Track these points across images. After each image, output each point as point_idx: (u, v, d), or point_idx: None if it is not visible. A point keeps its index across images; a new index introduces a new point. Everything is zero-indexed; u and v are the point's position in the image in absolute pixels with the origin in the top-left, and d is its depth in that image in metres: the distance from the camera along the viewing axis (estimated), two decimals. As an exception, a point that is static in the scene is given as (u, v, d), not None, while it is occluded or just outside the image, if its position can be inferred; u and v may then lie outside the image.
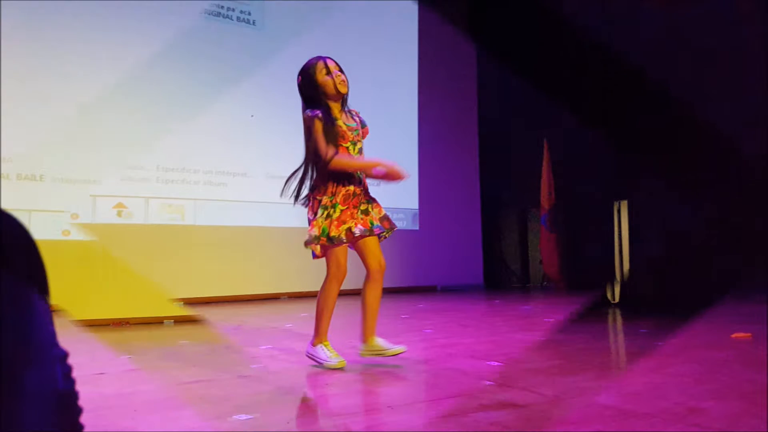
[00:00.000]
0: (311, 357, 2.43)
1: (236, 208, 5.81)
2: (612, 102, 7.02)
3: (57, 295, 0.80)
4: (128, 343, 3.83)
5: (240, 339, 3.48)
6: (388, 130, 5.93)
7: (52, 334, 0.78)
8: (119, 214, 5.21)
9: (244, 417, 1.77)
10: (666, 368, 2.13)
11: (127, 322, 5.15)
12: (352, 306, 2.70)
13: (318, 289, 2.40)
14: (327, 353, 2.37)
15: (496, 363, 2.24)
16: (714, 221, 5.86)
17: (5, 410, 0.66)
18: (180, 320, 5.35)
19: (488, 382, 2.26)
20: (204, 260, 5.55)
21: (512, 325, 3.49)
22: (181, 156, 5.58)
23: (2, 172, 4.73)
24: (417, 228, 7.02)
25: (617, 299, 6.92)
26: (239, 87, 5.95)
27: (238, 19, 6.09)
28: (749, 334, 2.82)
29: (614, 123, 6.97)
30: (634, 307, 6.49)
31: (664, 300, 6.25)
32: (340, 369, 2.30)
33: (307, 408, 1.95)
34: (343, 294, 2.53)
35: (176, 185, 5.54)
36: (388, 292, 6.39)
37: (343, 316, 2.73)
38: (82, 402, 0.83)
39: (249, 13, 6.17)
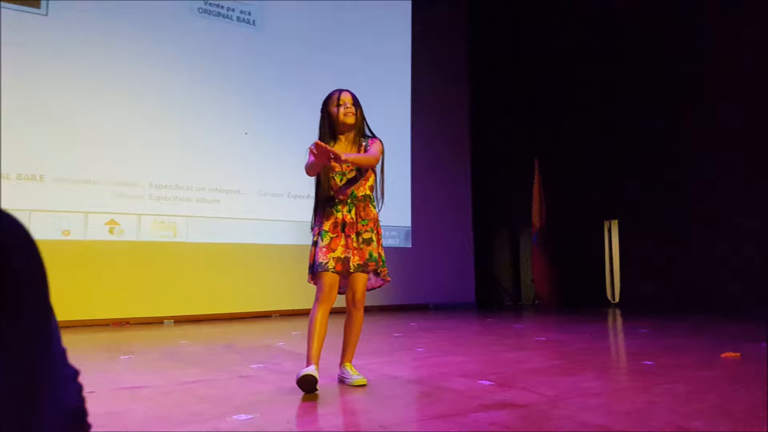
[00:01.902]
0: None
1: (229, 226, 5.80)
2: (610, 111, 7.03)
3: (57, 295, 0.80)
4: (128, 343, 3.83)
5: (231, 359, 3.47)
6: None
7: (63, 353, 0.78)
8: (111, 231, 5.20)
9: (244, 417, 1.77)
10: (655, 387, 2.12)
11: (127, 322, 5.16)
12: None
13: (309, 306, 2.38)
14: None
15: (488, 382, 2.23)
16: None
17: (23, 426, 0.67)
18: (180, 320, 5.37)
19: (487, 382, 2.26)
20: (195, 278, 5.51)
21: (505, 344, 3.49)
22: (174, 173, 5.55)
23: (2, 172, 4.73)
24: (410, 245, 7.02)
25: (617, 299, 6.95)
26: (235, 98, 5.94)
27: (238, 19, 6.10)
28: (738, 354, 2.82)
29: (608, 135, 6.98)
30: (634, 307, 6.52)
31: (663, 300, 6.26)
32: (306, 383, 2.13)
33: (307, 408, 1.95)
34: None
35: (169, 202, 5.51)
36: (381, 309, 6.44)
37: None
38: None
39: (249, 13, 6.18)
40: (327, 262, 2.29)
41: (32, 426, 0.68)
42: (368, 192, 2.42)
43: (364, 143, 2.44)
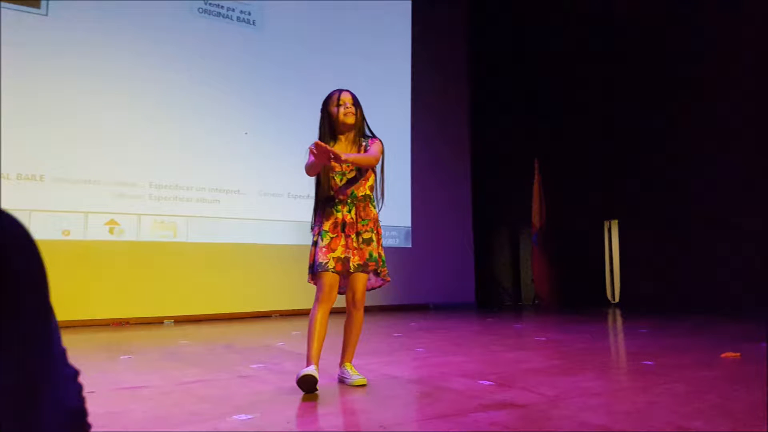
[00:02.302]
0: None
1: (229, 226, 5.79)
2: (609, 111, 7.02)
3: (57, 295, 0.80)
4: (128, 343, 3.83)
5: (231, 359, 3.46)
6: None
7: (63, 353, 0.78)
8: (111, 231, 5.20)
9: (244, 417, 1.77)
10: (655, 387, 2.13)
11: (127, 322, 5.16)
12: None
13: (309, 306, 2.37)
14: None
15: (488, 382, 2.24)
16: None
17: (23, 426, 0.67)
18: (180, 320, 5.37)
19: (487, 382, 2.26)
20: (195, 278, 5.51)
21: (505, 344, 3.49)
22: (174, 173, 5.55)
23: (2, 172, 4.73)
24: (410, 246, 7.02)
25: (617, 299, 6.95)
26: (235, 98, 5.95)
27: (238, 19, 6.10)
28: (738, 354, 2.83)
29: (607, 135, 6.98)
30: (634, 307, 6.52)
31: (663, 300, 6.26)
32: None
33: (307, 408, 1.95)
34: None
35: (169, 202, 5.50)
36: (381, 309, 6.44)
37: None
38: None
39: (249, 13, 6.18)
40: (327, 262, 2.29)
41: (32, 426, 0.68)
42: (368, 192, 2.42)
43: (364, 143, 2.44)
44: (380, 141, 2.45)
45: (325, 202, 2.39)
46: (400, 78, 7.22)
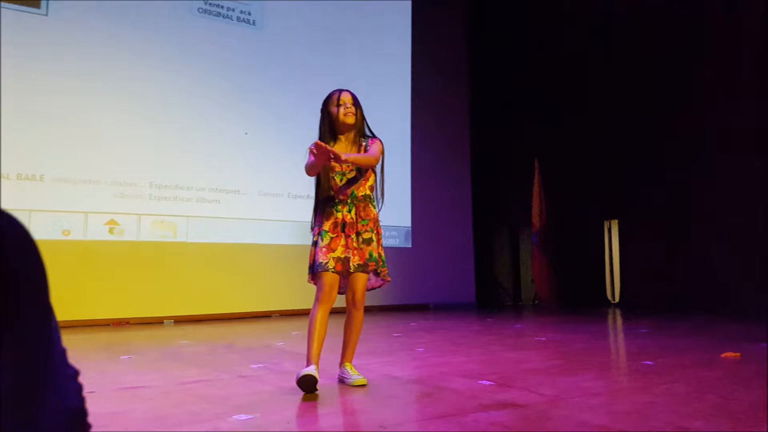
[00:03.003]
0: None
1: (229, 226, 5.80)
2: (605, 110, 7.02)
3: (57, 295, 0.80)
4: (128, 343, 3.83)
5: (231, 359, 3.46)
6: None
7: (63, 353, 0.78)
8: (111, 231, 5.21)
9: (244, 417, 1.77)
10: (655, 387, 2.13)
11: (127, 322, 5.16)
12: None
13: (309, 306, 2.37)
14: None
15: (488, 382, 2.24)
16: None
17: (24, 426, 0.67)
18: (180, 320, 5.37)
19: (487, 382, 2.26)
20: (195, 278, 5.52)
21: (505, 344, 3.49)
22: (174, 173, 5.56)
23: (2, 172, 4.74)
24: (410, 246, 7.03)
25: (617, 299, 6.95)
26: (235, 98, 5.95)
27: (238, 19, 6.10)
28: (738, 354, 2.83)
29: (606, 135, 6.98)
30: (634, 307, 6.52)
31: (663, 300, 6.26)
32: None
33: (307, 408, 1.95)
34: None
35: (169, 202, 5.51)
36: (381, 309, 6.44)
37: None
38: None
39: (249, 13, 6.19)
40: (327, 262, 2.29)
41: (32, 426, 0.68)
42: (368, 192, 2.42)
43: (364, 143, 2.44)
44: (380, 141, 2.45)
45: (325, 202, 2.39)
46: (400, 78, 7.22)
